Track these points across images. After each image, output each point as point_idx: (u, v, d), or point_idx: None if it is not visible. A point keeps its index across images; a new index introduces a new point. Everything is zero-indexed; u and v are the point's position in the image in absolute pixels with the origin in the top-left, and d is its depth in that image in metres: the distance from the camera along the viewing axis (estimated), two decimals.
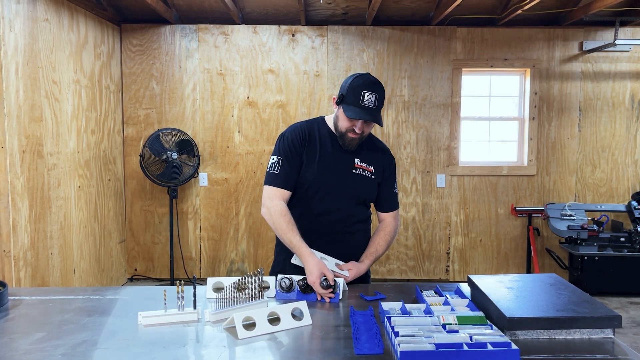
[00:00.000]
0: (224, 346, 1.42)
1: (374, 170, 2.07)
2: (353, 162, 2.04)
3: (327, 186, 2.02)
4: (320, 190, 2.02)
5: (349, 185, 2.02)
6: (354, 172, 2.03)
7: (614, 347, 1.38)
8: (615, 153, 4.91)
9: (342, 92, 1.95)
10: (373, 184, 2.08)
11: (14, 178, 3.13)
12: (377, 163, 2.08)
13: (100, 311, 1.69)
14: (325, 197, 2.03)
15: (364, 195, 2.08)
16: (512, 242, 4.99)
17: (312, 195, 2.03)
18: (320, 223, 2.04)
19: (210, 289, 1.87)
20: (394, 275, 4.98)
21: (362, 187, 2.05)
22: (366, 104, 1.89)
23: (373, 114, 1.90)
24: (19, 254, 3.20)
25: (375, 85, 1.91)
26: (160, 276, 4.99)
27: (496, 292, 1.61)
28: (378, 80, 1.96)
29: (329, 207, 2.03)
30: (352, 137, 1.96)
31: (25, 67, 3.27)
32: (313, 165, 2.01)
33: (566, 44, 4.85)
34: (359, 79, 1.92)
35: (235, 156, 4.90)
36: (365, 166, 2.05)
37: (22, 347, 1.39)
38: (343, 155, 2.04)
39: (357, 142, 2.00)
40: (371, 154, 2.08)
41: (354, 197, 2.06)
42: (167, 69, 4.82)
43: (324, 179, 2.01)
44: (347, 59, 4.83)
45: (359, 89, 1.89)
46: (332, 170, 2.02)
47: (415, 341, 1.33)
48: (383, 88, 1.95)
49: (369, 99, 1.88)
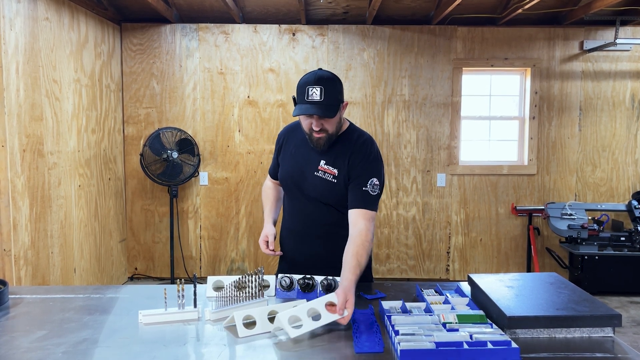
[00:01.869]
0: (224, 345, 1.42)
1: (337, 173, 1.95)
2: (318, 164, 1.98)
3: (290, 185, 2.07)
4: (287, 189, 2.11)
5: (309, 187, 2.00)
6: (315, 174, 1.98)
7: (614, 345, 1.39)
8: (616, 152, 4.91)
9: (294, 95, 1.93)
10: (336, 188, 1.95)
11: (14, 177, 3.14)
12: (343, 164, 1.95)
13: (100, 310, 1.69)
14: (292, 198, 2.09)
15: (325, 198, 1.98)
16: (512, 242, 4.99)
17: (286, 194, 2.16)
18: (295, 222, 2.10)
19: (211, 287, 1.87)
20: (394, 274, 4.99)
21: (322, 190, 1.97)
22: (311, 98, 1.83)
23: (319, 106, 1.82)
24: (19, 253, 3.20)
25: (320, 79, 1.84)
26: (161, 275, 4.99)
27: (496, 291, 1.61)
28: (329, 73, 1.89)
29: (297, 207, 2.08)
30: (317, 136, 1.91)
31: (26, 66, 3.28)
32: (284, 165, 2.09)
33: (566, 44, 4.85)
34: (306, 76, 1.89)
35: (236, 155, 4.90)
36: (328, 169, 1.96)
37: (23, 346, 1.40)
38: (312, 157, 2.00)
39: (325, 141, 1.92)
40: (340, 156, 1.96)
41: (315, 200, 2.01)
42: (168, 68, 4.82)
43: (289, 179, 2.06)
44: (347, 59, 4.83)
45: (304, 86, 1.86)
46: (296, 171, 2.03)
47: (416, 340, 1.33)
48: (333, 80, 1.87)
49: (313, 93, 1.83)
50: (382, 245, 4.96)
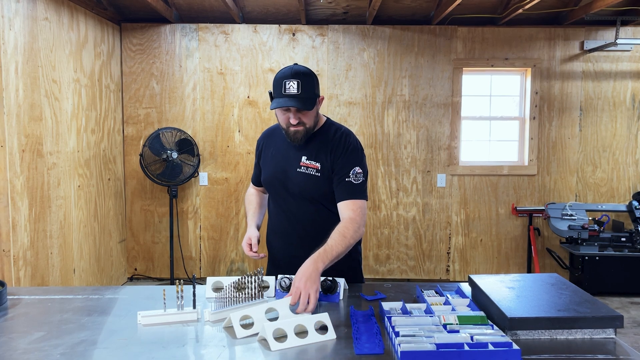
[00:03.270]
0: (224, 346, 1.41)
1: (320, 167, 1.96)
2: (299, 161, 1.99)
3: (275, 185, 2.07)
4: (271, 190, 2.11)
5: (293, 184, 2.00)
6: (298, 170, 1.99)
7: (616, 347, 1.38)
8: (616, 153, 4.91)
9: (270, 89, 1.95)
10: (320, 182, 1.96)
11: (13, 177, 3.13)
12: (324, 157, 1.97)
13: (99, 311, 1.68)
14: (276, 197, 2.09)
15: (309, 193, 1.98)
16: (512, 242, 4.98)
17: (270, 197, 2.16)
18: (282, 224, 2.09)
19: (210, 288, 1.86)
20: (394, 275, 4.98)
21: (306, 185, 1.97)
22: (288, 92, 1.85)
23: (296, 99, 1.85)
24: (18, 254, 3.19)
25: (297, 73, 1.87)
26: (160, 276, 4.99)
27: (497, 292, 1.60)
28: (305, 68, 1.92)
29: (282, 207, 2.07)
30: (294, 129, 1.93)
31: (25, 66, 3.27)
32: (265, 168, 2.11)
33: (567, 44, 4.84)
34: (282, 71, 1.91)
35: (236, 156, 4.89)
36: (311, 163, 1.97)
37: (21, 347, 1.39)
38: (292, 154, 2.01)
39: (303, 135, 1.94)
40: (321, 150, 1.98)
41: (300, 196, 2.00)
42: (168, 68, 4.82)
43: (272, 178, 2.07)
44: (347, 59, 4.82)
45: (280, 80, 1.88)
46: (279, 170, 2.04)
47: (416, 341, 1.32)
48: (309, 75, 1.89)
49: (290, 86, 1.85)
50: (382, 246, 4.96)
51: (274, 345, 1.39)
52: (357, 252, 2.12)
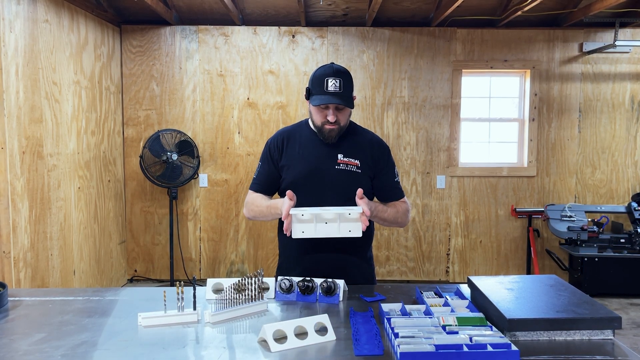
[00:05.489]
0: (224, 347, 1.42)
1: (359, 164, 1.98)
2: (336, 158, 1.98)
3: (309, 185, 1.98)
4: (305, 189, 1.96)
5: (333, 182, 1.97)
6: (337, 167, 1.98)
7: (614, 348, 1.38)
8: (615, 154, 4.91)
9: (309, 86, 1.95)
10: (361, 178, 1.98)
11: (14, 179, 3.13)
12: (364, 156, 2.00)
13: (100, 312, 1.68)
14: (309, 196, 1.95)
15: (349, 188, 1.92)
16: (512, 243, 4.99)
17: (299, 196, 1.97)
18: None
19: (210, 290, 1.86)
20: (393, 276, 4.98)
21: (347, 182, 1.96)
22: (331, 89, 1.87)
23: (340, 97, 1.87)
24: (18, 255, 3.20)
25: (339, 72, 1.90)
26: (160, 277, 4.99)
27: (496, 293, 1.61)
28: (343, 67, 1.95)
29: (316, 205, 1.95)
30: (329, 127, 1.93)
31: (26, 68, 3.28)
32: (294, 167, 2.01)
33: (566, 45, 4.85)
34: (322, 69, 1.93)
35: (235, 157, 4.90)
36: (350, 160, 1.98)
37: (21, 348, 1.39)
38: (326, 152, 2.00)
39: (337, 133, 1.95)
40: (357, 147, 2.01)
41: (341, 194, 1.96)
42: (167, 70, 4.83)
43: (306, 178, 1.98)
44: (347, 60, 4.83)
45: (322, 77, 1.89)
46: (314, 168, 1.99)
47: (415, 342, 1.33)
48: (349, 74, 1.92)
49: (333, 84, 1.87)
50: (382, 247, 4.96)
51: (273, 346, 1.39)
52: (371, 266, 2.14)
